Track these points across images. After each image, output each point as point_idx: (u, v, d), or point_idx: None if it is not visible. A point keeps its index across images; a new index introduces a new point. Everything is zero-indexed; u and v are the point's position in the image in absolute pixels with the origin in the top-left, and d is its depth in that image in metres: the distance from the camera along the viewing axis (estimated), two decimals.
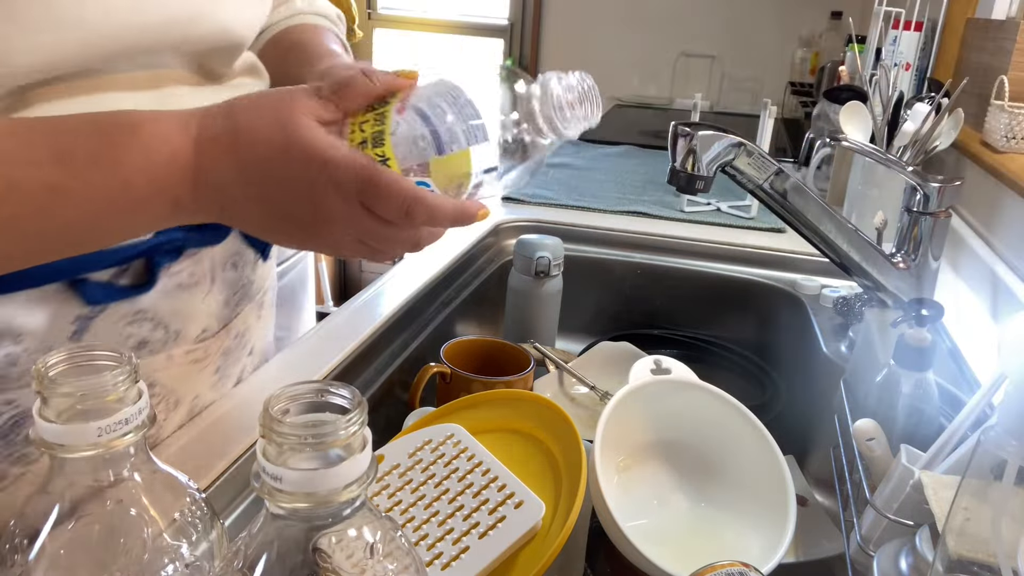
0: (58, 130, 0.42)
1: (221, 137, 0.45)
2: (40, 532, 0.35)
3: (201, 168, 0.45)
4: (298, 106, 0.45)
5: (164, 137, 0.44)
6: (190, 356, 0.61)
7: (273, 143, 0.44)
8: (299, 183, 0.44)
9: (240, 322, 0.67)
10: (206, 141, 0.45)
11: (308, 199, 0.45)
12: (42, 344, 0.50)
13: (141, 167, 0.43)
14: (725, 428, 0.67)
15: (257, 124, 0.44)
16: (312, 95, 0.46)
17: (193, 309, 0.60)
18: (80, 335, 0.52)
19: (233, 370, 0.69)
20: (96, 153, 0.42)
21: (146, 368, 0.57)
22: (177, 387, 0.61)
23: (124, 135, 0.43)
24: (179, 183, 0.44)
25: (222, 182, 0.45)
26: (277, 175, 0.45)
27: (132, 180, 0.43)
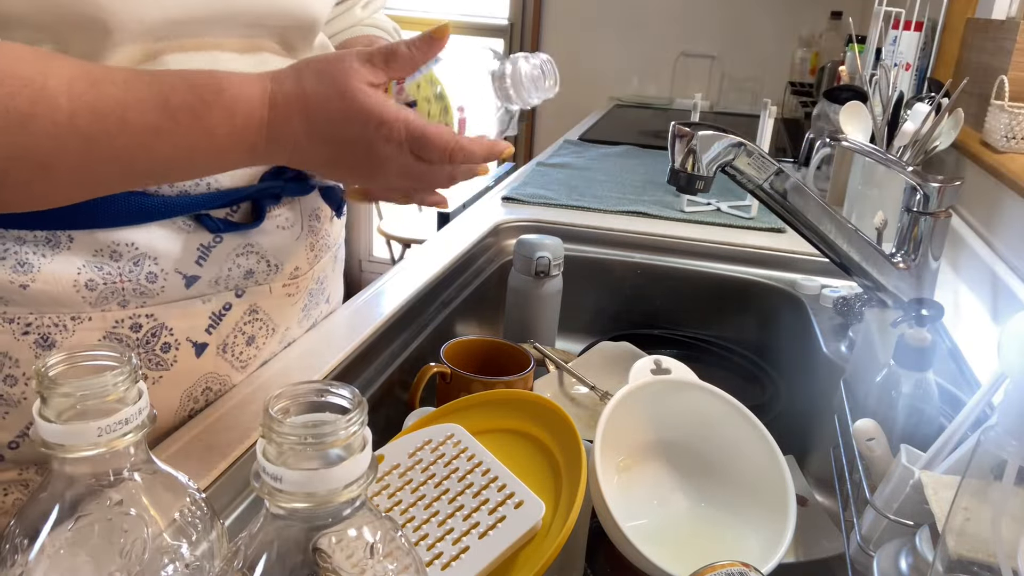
0: (161, 83, 0.51)
1: (291, 99, 0.54)
2: (40, 532, 0.35)
3: (274, 124, 0.54)
4: (354, 74, 0.54)
5: (243, 98, 0.53)
6: (285, 290, 0.72)
7: (335, 107, 0.54)
8: (358, 139, 0.55)
9: (320, 269, 0.77)
10: (279, 103, 0.54)
11: (366, 152, 0.55)
12: (175, 265, 0.61)
13: (223, 121, 0.52)
14: (725, 428, 0.67)
15: (321, 90, 0.54)
16: (365, 62, 0.55)
17: (289, 248, 0.70)
18: (204, 260, 0.63)
19: (314, 312, 0.80)
20: (189, 105, 0.51)
21: (251, 296, 0.68)
22: (274, 315, 0.72)
23: (211, 94, 0.52)
24: (254, 135, 0.54)
25: (292, 136, 0.55)
26: (339, 133, 0.55)
27: (216, 131, 0.52)
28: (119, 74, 0.50)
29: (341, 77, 0.54)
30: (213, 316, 0.66)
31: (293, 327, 0.76)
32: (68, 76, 0.48)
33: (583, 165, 1.64)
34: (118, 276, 0.59)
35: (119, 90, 0.49)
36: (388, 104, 0.54)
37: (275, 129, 0.54)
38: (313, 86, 0.54)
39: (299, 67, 0.55)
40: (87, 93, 0.48)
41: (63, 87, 0.48)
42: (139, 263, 0.60)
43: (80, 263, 0.57)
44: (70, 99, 0.48)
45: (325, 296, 0.81)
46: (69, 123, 0.48)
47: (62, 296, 0.57)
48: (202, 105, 0.52)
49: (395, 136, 0.55)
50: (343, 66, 0.54)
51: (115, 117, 0.49)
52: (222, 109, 0.52)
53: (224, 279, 0.65)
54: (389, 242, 3.33)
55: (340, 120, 0.54)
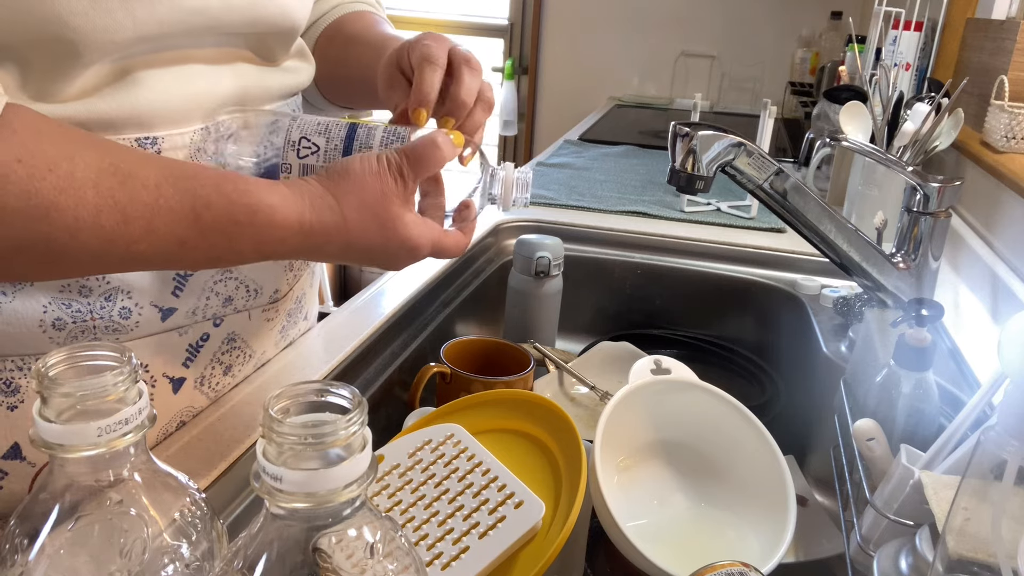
0: (194, 193, 0.49)
1: (330, 230, 0.53)
2: (40, 532, 0.35)
3: (309, 247, 0.54)
4: (392, 203, 0.54)
5: (278, 225, 0.51)
6: (264, 315, 0.70)
7: (374, 236, 0.54)
8: (388, 255, 0.56)
9: (299, 288, 0.76)
10: (316, 233, 0.53)
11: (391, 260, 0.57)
12: (151, 298, 0.58)
13: (252, 245, 0.51)
14: (725, 428, 0.67)
15: (362, 222, 0.54)
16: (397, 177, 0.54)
17: (269, 271, 0.68)
18: (180, 290, 0.60)
19: (292, 332, 0.78)
20: (220, 225, 0.50)
21: (229, 323, 0.66)
22: (252, 342, 0.70)
23: (244, 215, 0.50)
24: (284, 256, 0.54)
25: (322, 256, 0.56)
26: (373, 255, 0.56)
27: (244, 251, 0.52)
28: (150, 174, 0.47)
29: (382, 210, 0.54)
30: (190, 348, 0.63)
31: (269, 350, 0.74)
32: (97, 167, 0.45)
33: (583, 165, 1.64)
34: (88, 314, 0.55)
35: (150, 195, 0.47)
36: (423, 233, 0.56)
37: (309, 252, 0.54)
38: (354, 217, 0.53)
39: (337, 191, 0.54)
40: (116, 192, 0.45)
41: (91, 178, 0.44)
42: (111, 298, 0.56)
43: (45, 300, 0.53)
44: (97, 195, 0.44)
45: (303, 314, 0.79)
46: (93, 222, 0.44)
47: (26, 337, 0.53)
48: (234, 227, 0.50)
49: (420, 255, 0.57)
50: (382, 195, 0.54)
51: (142, 223, 0.46)
52: (253, 234, 0.51)
53: (202, 309, 0.62)
54: None
55: (377, 248, 0.55)
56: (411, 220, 0.55)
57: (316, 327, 0.83)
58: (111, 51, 0.51)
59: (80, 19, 0.47)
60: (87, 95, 0.51)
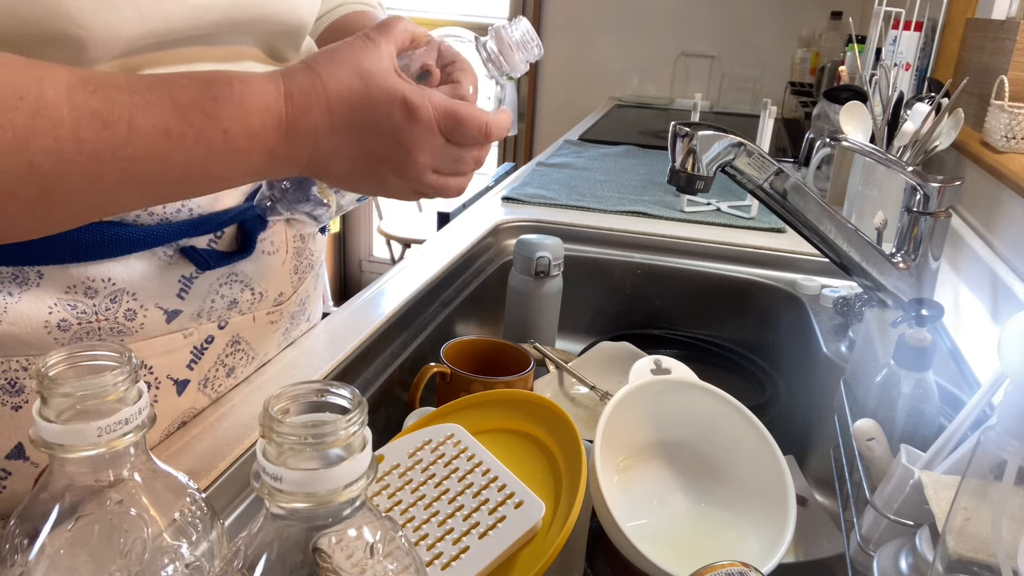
0: (167, 82, 0.47)
1: (308, 90, 0.50)
2: (40, 532, 0.35)
3: (292, 117, 0.50)
4: (365, 52, 0.51)
5: (257, 90, 0.49)
6: (268, 317, 0.70)
7: (355, 88, 0.50)
8: (384, 125, 0.51)
9: (303, 291, 0.75)
10: (295, 95, 0.50)
11: (394, 138, 0.52)
12: (156, 300, 0.58)
13: (238, 116, 0.48)
14: (725, 428, 0.67)
15: (339, 74, 0.50)
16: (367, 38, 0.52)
17: (274, 274, 0.67)
18: (186, 292, 0.59)
19: (294, 333, 0.78)
20: (200, 103, 0.47)
21: (234, 326, 0.65)
22: (255, 344, 0.70)
23: (222, 87, 0.48)
24: (272, 132, 0.50)
25: (312, 130, 0.51)
26: (363, 119, 0.51)
27: (231, 129, 0.48)
28: (119, 77, 0.46)
29: (354, 56, 0.51)
30: (195, 350, 0.62)
31: (272, 351, 0.74)
32: (66, 83, 0.43)
33: (583, 165, 1.64)
34: (93, 314, 0.55)
35: (124, 94, 0.45)
36: (409, 83, 0.51)
37: (293, 125, 0.50)
38: (328, 71, 0.50)
39: (310, 59, 0.52)
40: (90, 100, 0.43)
41: (63, 95, 0.43)
42: (116, 299, 0.55)
43: (51, 301, 0.53)
44: (72, 108, 0.43)
45: (306, 316, 0.79)
46: (73, 136, 0.43)
47: (32, 338, 0.53)
48: (213, 102, 0.47)
49: (424, 116, 0.51)
50: (353, 45, 0.52)
51: (122, 124, 0.44)
52: (235, 104, 0.48)
53: (207, 311, 0.62)
54: (389, 242, 3.33)
55: (362, 104, 0.51)
56: (392, 74, 0.51)
57: (316, 327, 0.83)
58: (118, 48, 0.50)
59: (87, 16, 0.47)
60: None
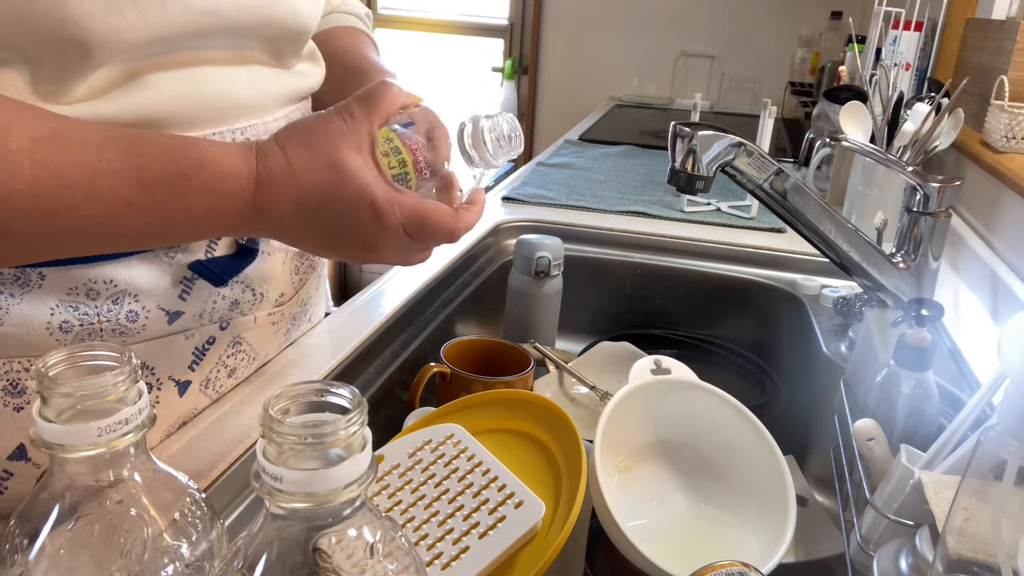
0: (137, 152, 0.47)
1: (278, 176, 0.51)
2: (40, 532, 0.35)
3: (259, 202, 0.51)
4: (342, 139, 0.51)
5: (227, 176, 0.50)
6: (270, 319, 0.70)
7: (324, 183, 0.51)
8: (350, 221, 0.52)
9: (305, 291, 0.75)
10: (264, 181, 0.51)
11: (360, 233, 0.53)
12: (157, 301, 0.58)
13: (204, 200, 0.49)
14: (725, 428, 0.67)
15: (312, 163, 0.51)
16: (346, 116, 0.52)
17: (275, 276, 0.67)
18: (187, 294, 0.60)
19: (295, 334, 0.78)
20: (167, 180, 0.48)
21: (235, 327, 0.66)
22: (256, 345, 0.70)
23: (191, 168, 0.48)
24: (237, 214, 0.51)
25: (278, 214, 0.52)
26: (330, 211, 0.52)
27: (194, 208, 0.49)
28: (91, 137, 0.46)
29: (330, 143, 0.51)
30: (196, 351, 0.62)
31: (273, 352, 0.74)
32: (32, 136, 0.43)
33: (583, 165, 1.64)
34: (95, 316, 0.55)
35: (90, 156, 0.45)
36: (381, 184, 0.52)
37: (260, 209, 0.51)
38: (301, 160, 0.51)
39: (284, 138, 0.52)
40: (54, 158, 0.44)
41: (26, 149, 0.43)
42: (118, 301, 0.56)
43: (53, 303, 0.53)
44: (33, 164, 0.43)
45: (307, 317, 0.79)
46: (30, 192, 0.43)
47: (33, 339, 0.53)
48: (180, 181, 0.48)
49: (391, 223, 0.52)
50: (330, 126, 0.52)
51: (82, 186, 0.45)
52: (202, 186, 0.49)
53: (208, 312, 0.62)
54: None
55: (332, 197, 0.51)
56: (367, 170, 0.52)
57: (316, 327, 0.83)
58: (122, 52, 0.50)
59: (91, 20, 0.47)
60: (96, 97, 0.51)
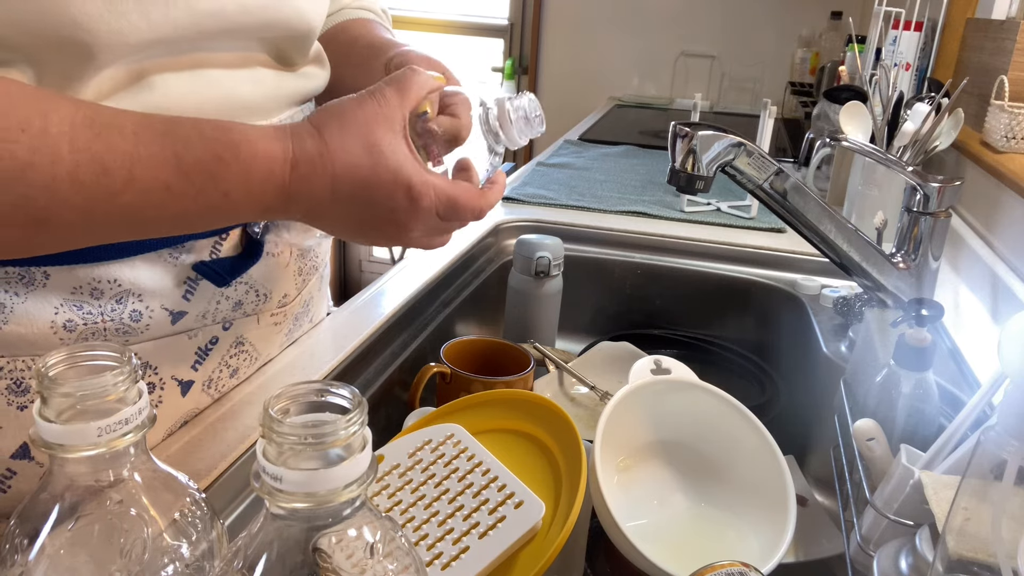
0: (174, 135, 0.47)
1: (314, 158, 0.51)
2: (40, 532, 0.35)
3: (295, 185, 0.51)
4: (378, 125, 0.52)
5: (262, 155, 0.49)
6: (272, 319, 0.70)
7: (362, 167, 0.51)
8: (385, 204, 0.53)
9: (307, 291, 0.75)
10: (301, 163, 0.51)
11: (391, 217, 0.53)
12: (161, 301, 0.58)
13: (240, 183, 0.49)
14: (725, 428, 0.67)
15: (348, 145, 0.51)
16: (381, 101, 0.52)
17: (278, 276, 0.68)
18: (191, 294, 0.60)
19: (297, 334, 0.78)
20: (203, 164, 0.48)
21: (238, 327, 0.66)
22: (259, 345, 0.70)
23: (227, 151, 0.48)
24: (272, 195, 0.51)
25: (313, 197, 0.52)
26: (365, 195, 0.52)
27: (231, 192, 0.49)
28: (128, 122, 0.46)
29: (365, 126, 0.51)
30: (199, 351, 0.62)
31: (275, 352, 0.74)
32: (71, 121, 0.44)
33: (583, 165, 1.64)
34: (99, 315, 0.55)
35: (128, 143, 0.45)
36: (415, 166, 0.52)
37: (295, 192, 0.51)
38: (338, 141, 0.51)
39: (319, 121, 0.52)
40: (93, 144, 0.44)
41: (65, 134, 0.43)
42: (122, 301, 0.56)
43: (57, 302, 0.53)
44: (72, 150, 0.43)
45: (309, 317, 0.79)
46: (70, 177, 0.43)
47: (37, 338, 0.53)
48: (217, 164, 0.48)
49: (425, 205, 0.53)
50: (364, 108, 0.52)
51: (122, 173, 0.45)
52: (239, 169, 0.49)
53: (212, 312, 0.62)
54: None
55: (367, 182, 0.51)
56: (401, 150, 0.52)
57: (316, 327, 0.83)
58: (125, 54, 0.50)
59: (95, 22, 0.47)
60: (100, 98, 0.51)
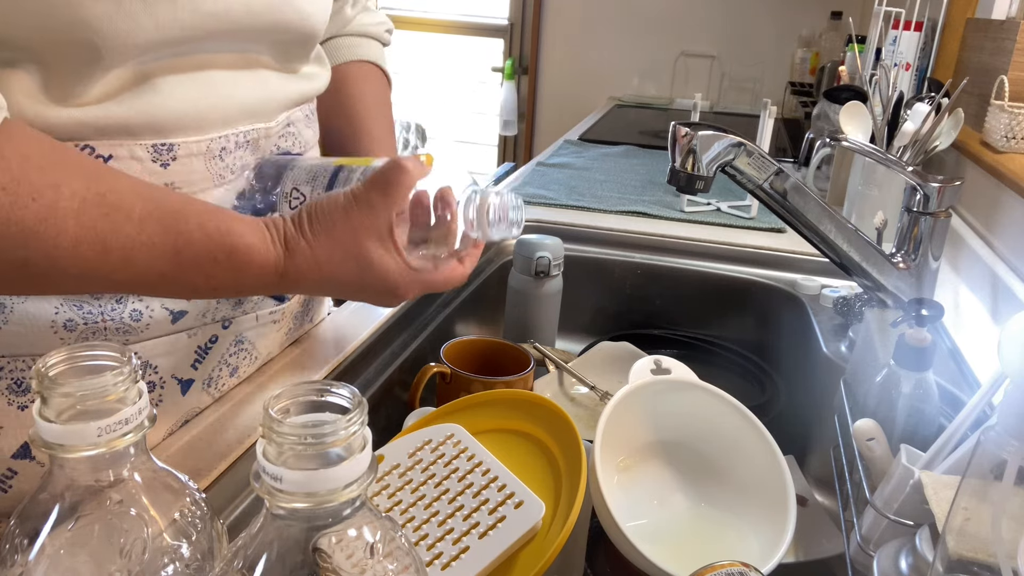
0: (177, 230, 0.50)
1: (304, 270, 0.55)
2: (40, 532, 0.35)
3: (282, 287, 0.56)
4: (365, 236, 0.55)
5: (256, 264, 0.53)
6: (271, 317, 0.71)
7: (350, 273, 0.56)
8: (370, 295, 0.59)
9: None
10: (291, 273, 0.55)
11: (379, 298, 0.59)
12: (161, 300, 0.59)
13: (231, 281, 0.53)
14: (725, 428, 0.67)
15: (335, 257, 0.55)
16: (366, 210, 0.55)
17: None
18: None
19: (297, 334, 0.79)
20: (200, 262, 0.51)
21: (237, 326, 0.67)
22: (258, 344, 0.71)
23: (224, 254, 0.52)
24: (262, 290, 0.56)
25: (301, 289, 0.57)
26: (351, 290, 0.58)
27: (220, 288, 0.54)
28: (137, 207, 0.48)
29: (354, 247, 0.55)
30: (199, 350, 0.63)
31: (274, 350, 0.75)
32: (82, 197, 0.46)
33: (583, 165, 1.64)
34: (99, 315, 0.56)
35: (133, 228, 0.48)
36: (400, 270, 0.56)
37: (284, 287, 0.56)
38: (325, 252, 0.55)
39: (308, 228, 0.55)
40: (99, 223, 0.46)
41: (74, 210, 0.45)
42: (122, 300, 0.57)
43: (57, 302, 0.54)
44: (78, 225, 0.45)
45: (309, 317, 0.80)
46: (72, 251, 0.46)
47: (38, 338, 0.54)
48: (212, 264, 0.51)
49: (409, 295, 0.59)
50: (351, 224, 0.55)
51: (121, 255, 0.47)
52: (231, 272, 0.52)
53: (212, 311, 0.62)
54: None
55: (354, 284, 0.56)
56: (389, 259, 0.56)
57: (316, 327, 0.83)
58: (132, 55, 0.51)
59: (103, 22, 0.48)
60: (106, 99, 0.51)
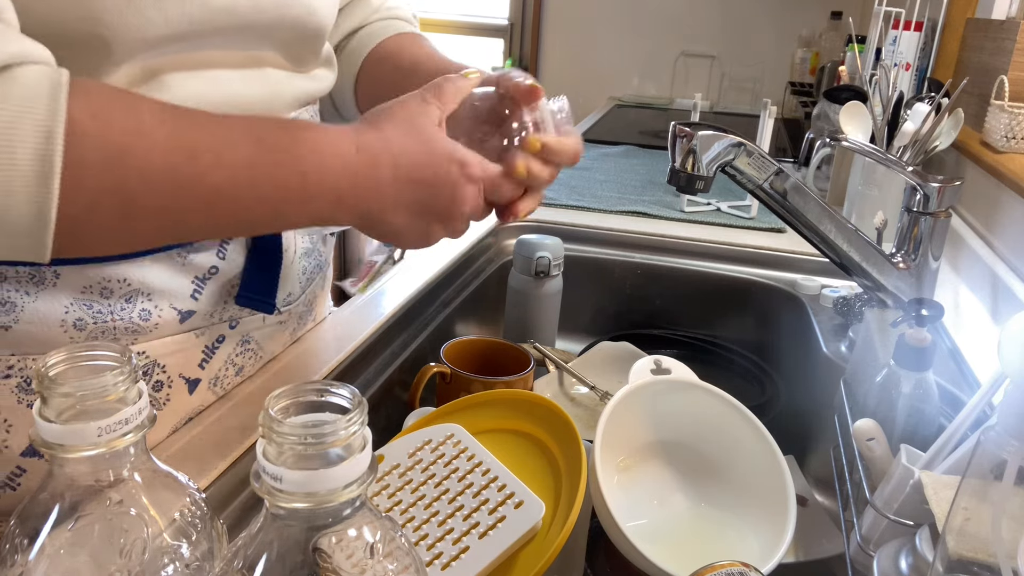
0: (252, 122, 0.52)
1: (376, 144, 0.55)
2: (40, 532, 0.35)
3: (363, 169, 0.54)
4: (423, 119, 0.56)
5: (334, 140, 0.53)
6: (277, 318, 0.71)
7: (418, 150, 0.56)
8: (443, 181, 0.56)
9: (311, 290, 0.76)
10: (364, 147, 0.54)
11: (449, 191, 0.57)
12: (170, 300, 0.59)
13: (315, 163, 0.52)
14: (725, 428, 0.67)
15: (400, 133, 0.56)
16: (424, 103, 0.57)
17: (283, 274, 0.68)
18: (199, 293, 0.61)
19: (300, 333, 0.79)
20: (282, 143, 0.52)
21: (244, 326, 0.67)
22: (264, 344, 0.71)
23: (303, 132, 0.53)
24: (344, 181, 0.54)
25: (379, 182, 0.55)
26: (424, 174, 0.56)
27: (308, 173, 0.52)
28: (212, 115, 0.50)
29: (413, 120, 0.56)
30: (206, 350, 0.63)
31: (278, 350, 0.75)
32: (160, 113, 0.47)
33: (583, 165, 1.64)
34: (109, 314, 0.56)
35: (218, 126, 0.49)
36: (462, 147, 0.57)
37: (363, 175, 0.54)
38: (394, 132, 0.56)
39: (372, 118, 0.57)
40: (187, 131, 0.48)
41: (157, 119, 0.47)
42: (131, 300, 0.57)
43: (67, 301, 0.54)
44: (167, 135, 0.47)
45: (312, 316, 0.80)
46: (164, 161, 0.46)
47: (47, 337, 0.54)
48: (292, 142, 0.52)
49: (475, 175, 0.57)
50: (408, 107, 0.57)
51: (210, 156, 0.48)
52: (311, 146, 0.52)
53: (219, 311, 0.63)
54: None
55: (424, 163, 0.56)
56: (447, 139, 0.57)
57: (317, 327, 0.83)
58: (141, 50, 0.51)
59: (114, 17, 0.48)
60: None
